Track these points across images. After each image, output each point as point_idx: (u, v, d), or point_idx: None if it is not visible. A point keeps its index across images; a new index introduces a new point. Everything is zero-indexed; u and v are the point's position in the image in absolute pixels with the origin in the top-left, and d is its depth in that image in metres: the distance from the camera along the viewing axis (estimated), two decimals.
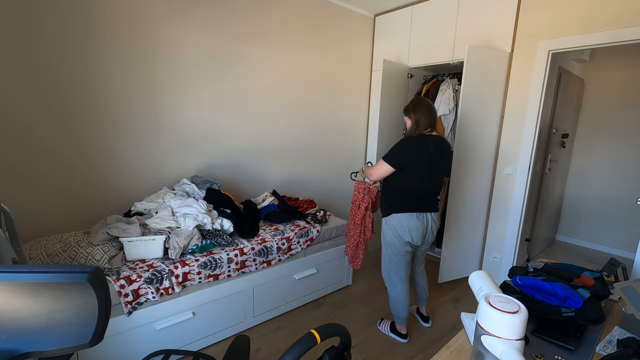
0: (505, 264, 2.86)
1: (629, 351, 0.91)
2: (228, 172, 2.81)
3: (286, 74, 2.99)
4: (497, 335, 0.73)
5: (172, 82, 2.39)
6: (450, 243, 2.81)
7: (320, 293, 2.62)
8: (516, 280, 1.23)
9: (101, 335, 0.48)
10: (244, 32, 2.67)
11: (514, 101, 2.68)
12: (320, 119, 3.36)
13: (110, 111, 2.17)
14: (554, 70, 2.92)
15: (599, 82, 3.74)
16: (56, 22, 1.91)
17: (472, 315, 1.10)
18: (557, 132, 3.37)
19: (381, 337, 2.19)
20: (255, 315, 2.24)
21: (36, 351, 0.46)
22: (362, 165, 2.34)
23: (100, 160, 2.19)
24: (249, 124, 2.86)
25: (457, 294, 2.77)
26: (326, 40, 3.22)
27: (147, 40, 2.23)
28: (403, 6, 3.34)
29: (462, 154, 2.66)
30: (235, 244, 2.13)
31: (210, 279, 1.96)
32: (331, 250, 2.60)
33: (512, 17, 2.58)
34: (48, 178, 2.03)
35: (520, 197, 2.71)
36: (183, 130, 2.50)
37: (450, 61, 3.00)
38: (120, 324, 1.67)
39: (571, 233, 4.10)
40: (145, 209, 2.17)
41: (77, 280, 0.44)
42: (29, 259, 1.67)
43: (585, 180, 3.94)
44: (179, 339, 1.91)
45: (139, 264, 1.82)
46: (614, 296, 1.27)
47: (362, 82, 3.65)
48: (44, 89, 1.94)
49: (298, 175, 3.31)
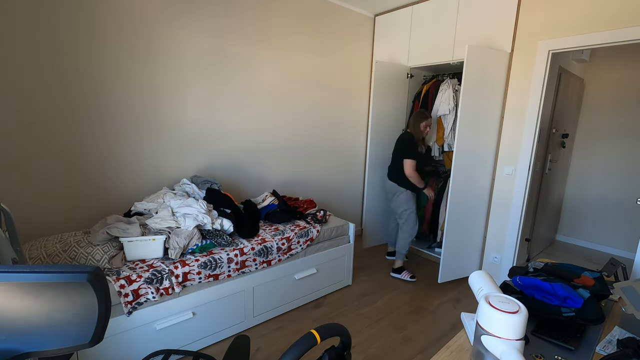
0: (505, 264, 2.86)
1: (629, 351, 0.91)
2: (228, 172, 2.81)
3: (286, 74, 3.00)
4: (497, 335, 0.73)
5: (172, 82, 2.39)
6: (450, 243, 2.81)
7: (320, 293, 2.62)
8: (516, 280, 1.23)
9: (101, 335, 0.48)
10: (244, 32, 2.67)
11: (514, 101, 2.68)
12: (320, 118, 3.36)
13: (111, 111, 2.18)
14: (554, 70, 2.92)
15: (599, 82, 3.74)
16: (58, 23, 1.92)
17: (472, 315, 1.10)
18: (557, 132, 3.37)
19: (381, 337, 2.19)
20: (255, 315, 2.24)
21: (36, 351, 0.46)
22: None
23: (101, 160, 2.20)
24: (249, 124, 2.86)
25: (457, 294, 2.77)
26: (326, 41, 3.22)
27: (148, 40, 2.23)
28: (403, 6, 3.34)
29: (462, 154, 2.66)
30: (235, 244, 2.13)
31: (210, 279, 1.96)
32: (331, 250, 2.60)
33: (512, 17, 2.58)
34: (48, 178, 2.03)
35: (520, 197, 2.71)
36: (183, 130, 2.50)
37: (450, 61, 3.01)
38: (120, 324, 1.67)
39: (571, 233, 4.10)
40: (145, 209, 2.17)
41: (77, 280, 0.44)
42: (29, 259, 1.67)
43: (585, 180, 3.94)
44: (179, 339, 1.91)
45: (139, 264, 1.82)
46: (614, 296, 1.27)
47: (363, 82, 3.65)
48: (47, 88, 1.94)
49: (298, 175, 3.31)
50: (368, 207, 3.41)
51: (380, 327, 2.30)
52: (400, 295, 2.71)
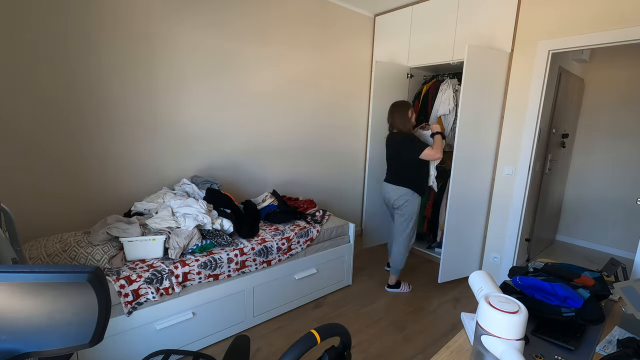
0: (505, 264, 2.86)
1: (629, 351, 0.91)
2: (228, 172, 2.81)
3: (286, 74, 2.99)
4: (497, 335, 0.73)
5: (172, 82, 2.39)
6: (450, 243, 2.81)
7: (320, 293, 2.62)
8: (516, 280, 1.23)
9: (101, 335, 0.48)
10: (244, 32, 2.67)
11: (514, 101, 2.68)
12: (320, 118, 3.36)
13: (109, 111, 2.17)
14: (554, 70, 2.92)
15: (599, 82, 3.74)
16: (55, 22, 1.91)
17: (472, 315, 1.10)
18: (557, 132, 3.36)
19: (381, 337, 2.19)
20: (255, 315, 2.24)
21: (36, 351, 0.46)
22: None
23: (101, 160, 2.19)
24: (249, 124, 2.86)
25: (457, 294, 2.77)
26: (326, 40, 3.22)
27: (146, 39, 2.23)
28: (403, 6, 3.34)
29: (462, 154, 2.66)
30: (235, 244, 2.13)
31: (210, 279, 1.96)
32: (331, 250, 2.60)
33: (512, 17, 2.58)
34: (48, 178, 2.03)
35: (520, 197, 2.71)
36: (183, 130, 2.50)
37: (450, 61, 3.00)
38: (120, 324, 1.67)
39: (571, 233, 4.10)
40: (145, 209, 2.17)
41: (77, 280, 0.44)
42: (29, 259, 1.67)
43: (585, 180, 3.94)
44: (179, 339, 1.91)
45: (139, 264, 1.82)
46: (614, 296, 1.27)
47: (363, 82, 3.65)
48: (43, 90, 1.94)
49: (298, 175, 3.31)
50: (368, 207, 3.41)
51: (380, 327, 2.30)
52: (400, 295, 2.71)
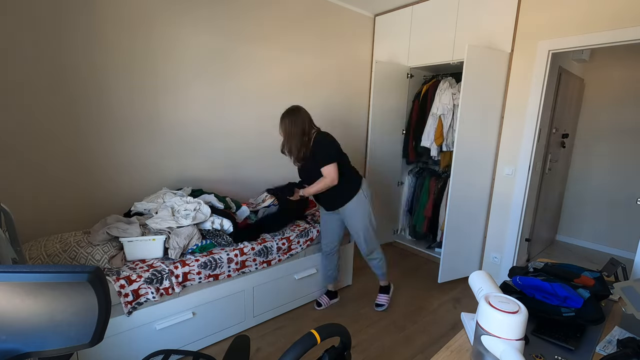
0: (505, 264, 2.86)
1: (629, 351, 0.91)
2: (228, 172, 2.81)
3: (286, 73, 2.99)
4: (497, 335, 0.73)
5: (173, 83, 2.39)
6: (450, 243, 2.81)
7: (320, 293, 2.62)
8: (516, 280, 1.23)
9: (101, 335, 0.48)
10: (245, 32, 2.67)
11: (514, 101, 2.68)
12: (320, 118, 3.34)
13: (110, 111, 2.17)
14: (554, 70, 2.92)
15: (599, 82, 3.74)
16: (57, 24, 1.91)
17: (472, 315, 1.10)
18: (557, 132, 3.36)
19: (381, 337, 2.19)
20: (255, 315, 2.24)
21: (36, 351, 0.46)
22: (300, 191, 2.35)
23: (101, 159, 2.19)
24: (249, 124, 2.85)
25: (457, 294, 2.77)
26: (326, 40, 3.21)
27: (148, 40, 2.23)
28: (403, 6, 3.34)
29: (462, 154, 2.66)
30: (235, 244, 2.12)
31: (210, 279, 1.96)
32: None
33: (512, 17, 2.58)
34: (47, 178, 2.03)
35: (520, 197, 2.71)
36: (183, 131, 2.50)
37: (450, 61, 3.00)
38: (120, 324, 1.67)
39: (571, 233, 4.10)
40: (145, 209, 2.17)
41: (77, 280, 0.44)
42: (29, 259, 1.67)
43: (585, 180, 3.94)
44: (179, 339, 1.91)
45: (139, 264, 1.82)
46: (614, 296, 1.27)
47: (363, 82, 3.65)
48: (43, 90, 1.94)
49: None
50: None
51: (380, 327, 2.30)
52: (401, 295, 2.71)
